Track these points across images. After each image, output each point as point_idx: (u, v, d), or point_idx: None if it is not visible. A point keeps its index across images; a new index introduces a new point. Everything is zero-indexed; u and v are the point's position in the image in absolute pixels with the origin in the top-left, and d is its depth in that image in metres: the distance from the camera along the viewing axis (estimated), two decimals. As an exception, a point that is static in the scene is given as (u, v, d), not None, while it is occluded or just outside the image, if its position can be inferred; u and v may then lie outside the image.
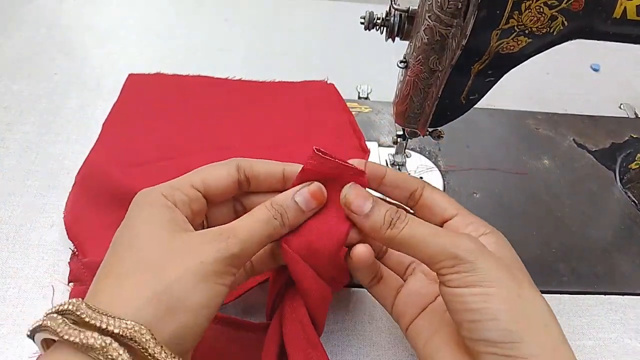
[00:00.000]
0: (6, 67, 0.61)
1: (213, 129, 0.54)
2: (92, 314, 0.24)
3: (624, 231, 0.50)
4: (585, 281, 0.45)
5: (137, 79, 0.60)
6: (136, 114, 0.55)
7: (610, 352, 0.40)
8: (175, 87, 0.59)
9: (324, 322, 0.35)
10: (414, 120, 0.40)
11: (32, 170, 0.49)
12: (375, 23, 0.37)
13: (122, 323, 0.24)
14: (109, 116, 0.54)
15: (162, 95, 0.58)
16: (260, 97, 0.59)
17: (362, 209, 0.31)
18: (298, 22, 0.75)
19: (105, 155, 0.49)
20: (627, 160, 0.56)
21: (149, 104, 0.56)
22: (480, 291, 0.27)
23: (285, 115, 0.56)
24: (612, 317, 0.43)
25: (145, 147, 0.51)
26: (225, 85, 0.60)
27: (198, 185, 0.31)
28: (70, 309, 0.24)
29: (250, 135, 0.54)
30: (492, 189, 0.52)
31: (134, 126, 0.53)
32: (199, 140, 0.52)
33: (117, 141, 0.51)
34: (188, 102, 0.57)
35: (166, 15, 0.74)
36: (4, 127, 0.54)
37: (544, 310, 0.28)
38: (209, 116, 0.55)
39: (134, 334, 0.23)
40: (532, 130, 0.59)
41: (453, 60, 0.33)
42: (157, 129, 0.53)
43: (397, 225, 0.30)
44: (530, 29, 0.31)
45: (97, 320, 0.24)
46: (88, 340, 0.23)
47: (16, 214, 0.45)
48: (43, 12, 0.71)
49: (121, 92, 0.58)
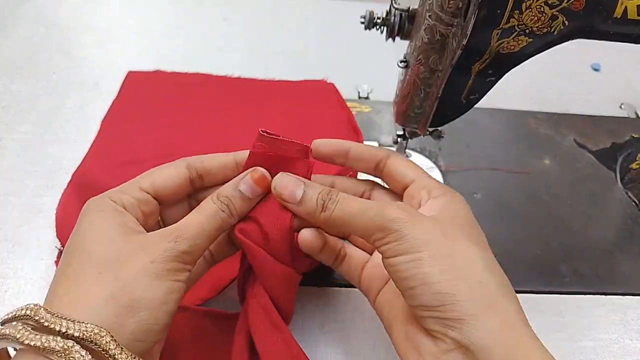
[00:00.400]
0: (5, 66, 0.61)
1: (211, 127, 0.54)
2: (51, 318, 0.24)
3: (624, 231, 0.49)
4: (586, 281, 0.45)
5: (136, 76, 0.60)
6: (135, 112, 0.55)
7: (611, 352, 0.40)
8: (174, 85, 0.59)
9: (292, 306, 0.35)
10: (414, 120, 0.40)
11: (31, 170, 0.49)
12: (375, 22, 0.37)
13: (81, 326, 0.24)
14: (107, 114, 0.54)
15: (161, 93, 0.58)
16: (259, 95, 0.59)
17: (294, 197, 0.31)
18: (298, 21, 0.75)
19: (102, 154, 0.49)
20: (628, 160, 0.56)
21: (148, 102, 0.56)
22: (411, 257, 0.27)
23: (283, 113, 0.56)
24: (613, 317, 0.43)
25: (144, 144, 0.51)
26: (224, 83, 0.60)
27: (146, 187, 0.31)
28: (29, 314, 0.24)
29: (249, 133, 0.53)
30: (492, 189, 0.52)
31: (133, 124, 0.53)
32: (197, 138, 0.52)
33: (115, 139, 0.51)
34: (187, 99, 0.57)
35: (165, 14, 0.74)
36: (2, 126, 0.53)
37: (479, 267, 0.28)
38: (208, 114, 0.55)
39: (94, 336, 0.24)
40: (533, 130, 0.59)
41: (453, 60, 0.33)
42: (156, 127, 0.53)
43: (329, 207, 0.30)
44: (531, 28, 0.30)
45: (57, 325, 0.24)
46: (50, 344, 0.23)
47: (15, 214, 0.45)
48: (42, 12, 0.71)
49: (120, 89, 0.58)
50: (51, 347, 0.23)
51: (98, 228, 0.28)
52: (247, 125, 0.54)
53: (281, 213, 0.32)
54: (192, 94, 0.58)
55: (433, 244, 0.28)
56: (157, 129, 0.53)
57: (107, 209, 0.29)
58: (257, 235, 0.33)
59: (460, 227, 0.30)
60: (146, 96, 0.57)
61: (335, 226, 0.31)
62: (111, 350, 0.24)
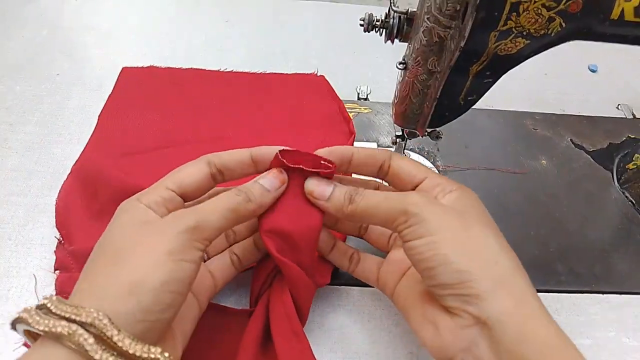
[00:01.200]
0: (8, 68, 0.62)
1: (206, 120, 0.55)
2: (60, 306, 0.26)
3: (621, 231, 0.50)
4: (583, 281, 0.45)
5: (130, 72, 0.60)
6: (130, 107, 0.56)
7: (608, 351, 0.41)
8: (168, 80, 0.60)
9: (307, 316, 0.37)
10: (413, 120, 0.41)
11: (35, 170, 0.50)
12: (374, 25, 0.38)
13: (84, 311, 0.25)
14: (103, 109, 0.55)
15: (156, 88, 0.59)
16: (252, 88, 0.60)
17: (324, 194, 0.34)
18: (298, 23, 0.75)
19: (99, 147, 0.50)
20: (625, 161, 0.56)
21: (143, 96, 0.57)
22: (429, 240, 0.30)
23: (276, 105, 0.58)
24: (610, 316, 0.43)
25: (140, 137, 0.52)
26: (218, 77, 0.61)
27: (171, 186, 0.32)
28: (45, 302, 0.26)
29: (243, 125, 0.55)
30: (490, 189, 0.52)
31: (129, 118, 0.54)
32: (192, 131, 0.54)
33: (114, 131, 0.52)
34: (181, 94, 0.58)
35: (167, 16, 0.74)
36: (6, 127, 0.54)
37: (495, 249, 0.31)
38: (203, 107, 0.57)
39: (93, 320, 0.25)
40: (530, 131, 0.60)
41: (451, 62, 0.33)
42: (152, 121, 0.54)
43: (356, 200, 0.33)
44: (528, 30, 0.31)
45: (64, 312, 0.25)
46: (56, 329, 0.25)
47: (19, 214, 0.46)
48: (45, 13, 0.71)
49: (115, 85, 0.58)
50: (58, 331, 0.25)
51: (120, 225, 0.30)
52: (241, 117, 0.56)
53: (311, 214, 0.34)
54: (187, 88, 0.59)
55: (451, 228, 0.30)
56: (153, 122, 0.54)
57: (132, 208, 0.31)
58: (283, 242, 0.34)
59: (475, 216, 0.32)
60: (141, 90, 0.58)
61: (361, 217, 0.33)
62: (108, 332, 0.25)
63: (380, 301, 0.42)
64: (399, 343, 0.39)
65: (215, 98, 0.58)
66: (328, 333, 0.39)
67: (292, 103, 0.58)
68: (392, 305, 0.41)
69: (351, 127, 0.54)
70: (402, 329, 0.40)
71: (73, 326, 0.25)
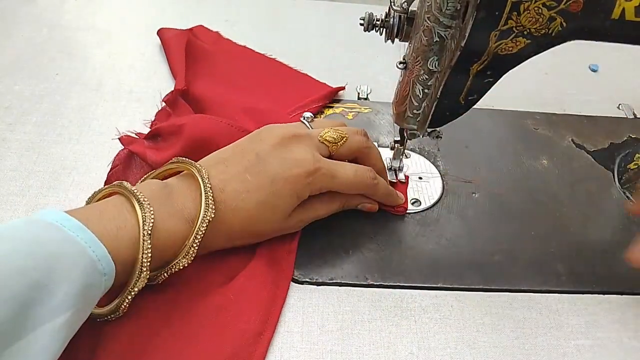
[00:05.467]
0: (7, 67, 0.61)
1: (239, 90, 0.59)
2: (125, 184, 0.37)
3: (622, 231, 0.50)
4: (583, 281, 0.45)
5: (171, 33, 0.66)
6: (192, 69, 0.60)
7: (609, 351, 0.40)
8: (211, 43, 0.67)
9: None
10: (413, 120, 0.41)
11: (34, 170, 0.50)
12: (374, 24, 0.38)
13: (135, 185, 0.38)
14: (177, 78, 0.58)
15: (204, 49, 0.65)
16: (263, 68, 0.65)
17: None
18: (298, 23, 0.75)
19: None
20: (626, 161, 0.56)
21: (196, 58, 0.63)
22: None
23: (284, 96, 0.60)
24: (611, 316, 0.43)
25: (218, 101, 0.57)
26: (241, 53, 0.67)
27: None
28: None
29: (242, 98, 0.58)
30: (490, 188, 0.52)
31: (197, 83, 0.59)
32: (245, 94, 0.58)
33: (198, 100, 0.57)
34: (227, 58, 0.65)
35: (167, 15, 0.74)
36: (5, 127, 0.54)
37: None
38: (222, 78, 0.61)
39: (127, 185, 0.37)
40: (531, 131, 0.60)
41: (452, 61, 0.33)
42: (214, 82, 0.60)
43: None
44: (529, 30, 0.31)
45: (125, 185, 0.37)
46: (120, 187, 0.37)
47: (17, 214, 0.46)
48: (44, 13, 0.71)
49: (166, 47, 0.64)
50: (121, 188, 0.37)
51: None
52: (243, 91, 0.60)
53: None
54: (229, 55, 0.66)
55: None
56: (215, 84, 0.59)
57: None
58: None
59: None
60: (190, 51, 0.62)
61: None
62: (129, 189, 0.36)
63: (380, 302, 0.42)
64: (398, 344, 0.39)
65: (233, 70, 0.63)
66: (328, 334, 0.39)
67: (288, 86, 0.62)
68: (392, 306, 0.41)
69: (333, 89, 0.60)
70: (402, 330, 0.40)
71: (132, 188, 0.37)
